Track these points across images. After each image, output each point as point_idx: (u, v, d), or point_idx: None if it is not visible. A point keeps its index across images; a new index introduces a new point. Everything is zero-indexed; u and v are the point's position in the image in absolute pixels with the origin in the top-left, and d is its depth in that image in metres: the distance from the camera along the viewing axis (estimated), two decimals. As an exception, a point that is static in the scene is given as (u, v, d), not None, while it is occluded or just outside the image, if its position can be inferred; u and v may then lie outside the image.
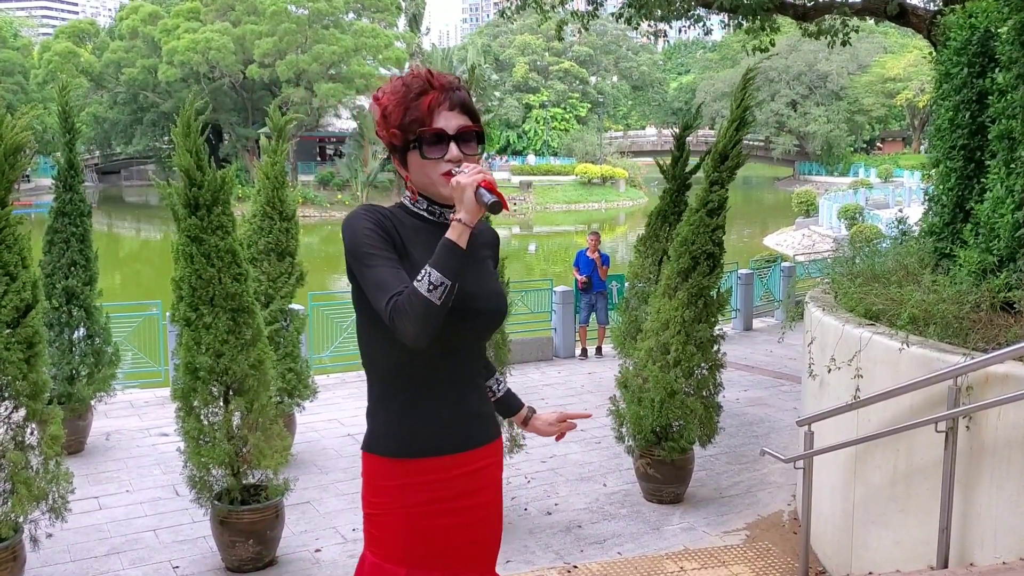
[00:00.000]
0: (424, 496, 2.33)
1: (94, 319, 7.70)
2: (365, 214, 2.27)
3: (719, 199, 6.21)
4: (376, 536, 2.39)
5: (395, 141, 2.28)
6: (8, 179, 4.80)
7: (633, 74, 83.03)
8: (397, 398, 2.35)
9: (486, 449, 2.45)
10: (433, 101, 2.25)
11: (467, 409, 2.40)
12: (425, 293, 2.08)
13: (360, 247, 2.22)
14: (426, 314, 2.09)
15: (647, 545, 5.84)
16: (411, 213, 2.37)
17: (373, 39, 50.83)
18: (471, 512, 2.40)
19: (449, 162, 2.25)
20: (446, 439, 2.36)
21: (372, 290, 2.18)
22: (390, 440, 2.35)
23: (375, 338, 2.34)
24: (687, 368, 6.14)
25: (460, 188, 2.15)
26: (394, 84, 2.32)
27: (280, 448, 5.49)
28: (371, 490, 2.40)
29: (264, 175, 7.30)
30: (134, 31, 52.51)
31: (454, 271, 2.12)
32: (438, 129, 2.25)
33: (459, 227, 2.14)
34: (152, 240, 43.22)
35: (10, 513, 4.86)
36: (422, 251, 2.25)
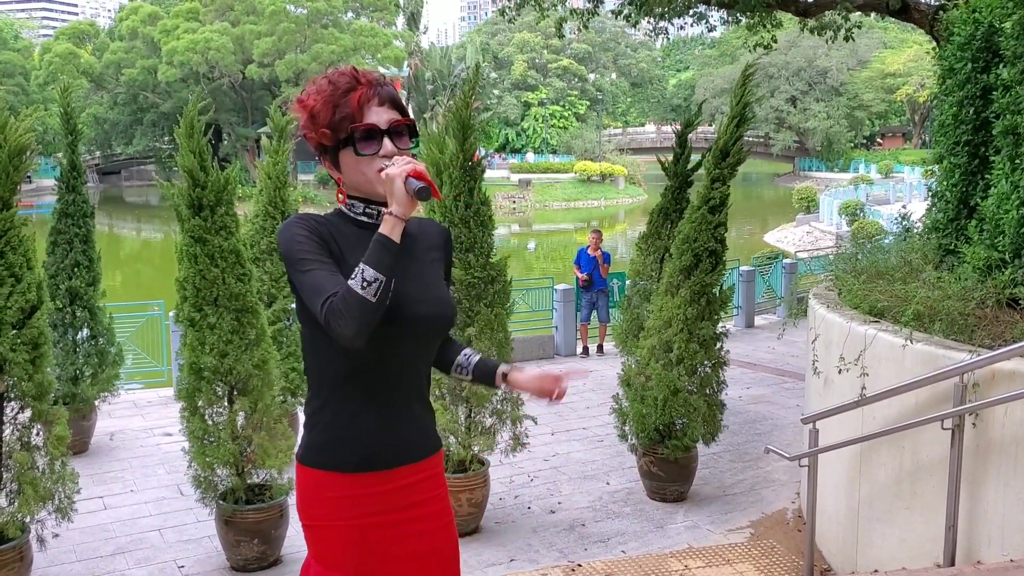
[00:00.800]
0: (360, 510, 2.27)
1: (97, 320, 7.71)
2: (298, 221, 2.22)
3: (721, 196, 6.21)
4: (318, 547, 2.32)
5: (325, 141, 2.22)
6: (12, 181, 4.81)
7: (632, 71, 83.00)
8: (334, 411, 2.28)
9: (424, 463, 2.37)
10: (362, 96, 2.21)
11: (406, 423, 2.33)
12: (359, 291, 2.04)
13: (294, 254, 2.17)
14: (362, 311, 2.04)
15: (651, 543, 5.84)
16: (348, 219, 2.30)
17: (372, 38, 50.79)
18: (412, 524, 2.32)
19: (384, 158, 2.20)
20: (381, 454, 2.28)
21: (308, 294, 2.14)
22: (324, 453, 2.28)
23: (316, 348, 2.28)
24: (690, 366, 6.14)
25: (389, 180, 2.11)
26: (319, 84, 2.26)
27: (284, 448, 5.50)
28: (307, 502, 2.32)
29: (266, 175, 7.32)
30: (134, 32, 52.47)
31: (388, 266, 2.08)
32: (370, 124, 2.20)
33: (391, 220, 2.11)
34: (153, 240, 43.19)
35: (16, 513, 4.87)
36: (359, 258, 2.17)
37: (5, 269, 4.77)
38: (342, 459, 2.27)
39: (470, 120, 5.71)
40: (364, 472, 2.27)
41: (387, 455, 2.29)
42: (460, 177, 5.73)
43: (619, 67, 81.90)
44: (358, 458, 2.27)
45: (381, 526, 2.28)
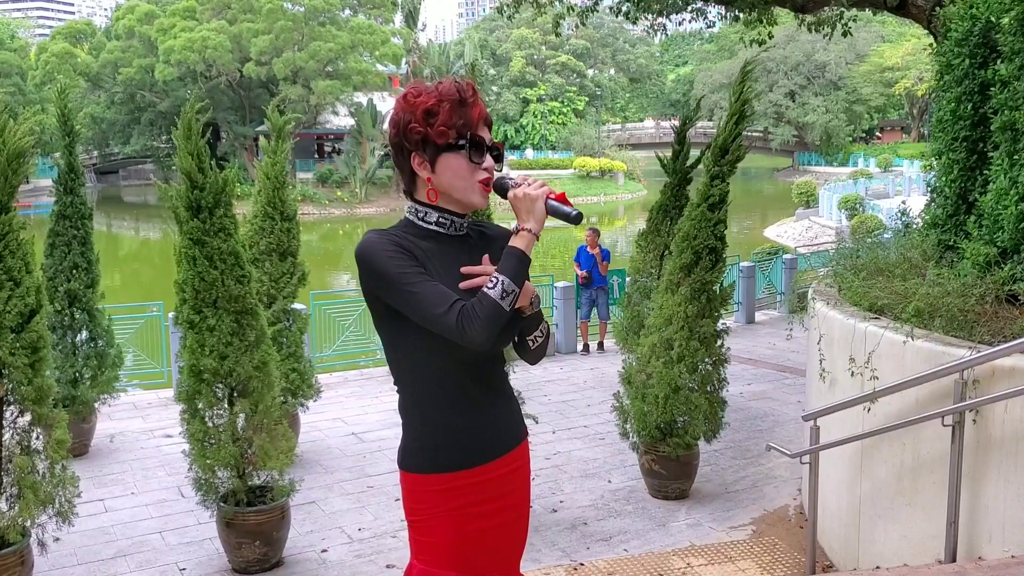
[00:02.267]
0: (462, 500, 2.38)
1: (96, 321, 7.71)
2: (382, 239, 2.28)
3: (720, 193, 6.20)
4: (422, 542, 2.42)
5: (438, 139, 2.26)
6: (11, 184, 4.79)
7: (630, 67, 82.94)
8: (429, 415, 2.38)
9: (515, 452, 2.49)
10: (481, 113, 2.32)
11: (496, 418, 2.44)
12: (498, 299, 2.16)
13: (391, 270, 2.23)
14: (497, 319, 2.16)
15: (653, 542, 5.84)
16: (420, 232, 2.35)
17: (370, 35, 50.70)
18: (504, 514, 2.46)
19: (485, 171, 2.32)
20: (476, 451, 2.39)
21: (422, 303, 2.20)
22: (424, 457, 2.39)
23: (405, 358, 2.35)
24: (691, 364, 6.13)
25: (529, 199, 2.25)
26: (439, 87, 2.30)
27: (285, 449, 5.50)
28: (410, 499, 2.44)
29: (264, 175, 7.30)
30: (130, 31, 52.40)
31: (522, 279, 2.22)
32: (484, 137, 2.31)
33: (527, 237, 2.25)
34: (151, 240, 43.18)
35: (17, 518, 4.85)
36: (438, 271, 2.28)
37: (4, 273, 4.75)
38: (441, 461, 2.37)
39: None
40: (463, 470, 2.37)
41: (482, 451, 2.40)
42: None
43: (617, 63, 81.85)
44: (454, 458, 2.37)
45: (478, 516, 2.40)
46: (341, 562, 5.63)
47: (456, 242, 2.38)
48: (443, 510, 2.37)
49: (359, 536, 6.01)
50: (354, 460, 7.61)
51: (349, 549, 5.82)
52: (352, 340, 11.86)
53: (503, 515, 2.46)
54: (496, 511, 2.43)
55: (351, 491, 6.86)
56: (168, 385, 10.19)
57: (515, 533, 2.53)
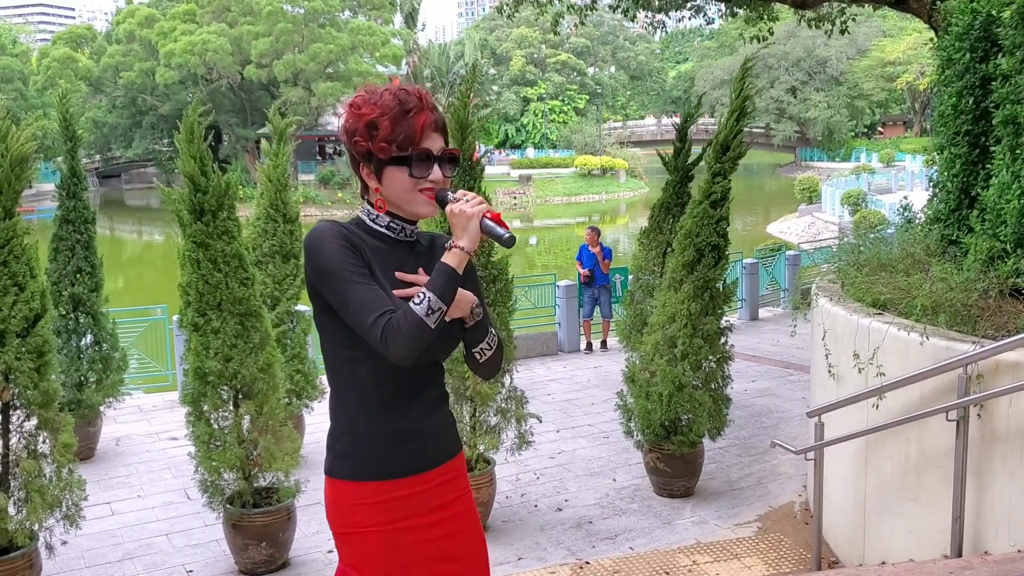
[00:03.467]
0: (390, 515, 2.31)
1: (101, 325, 7.73)
2: (333, 232, 2.26)
3: (722, 190, 6.20)
4: (353, 554, 2.35)
5: (381, 154, 2.25)
6: (15, 190, 4.82)
7: (631, 64, 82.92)
8: (359, 422, 2.32)
9: (449, 464, 2.42)
10: (426, 121, 2.27)
11: (429, 427, 2.38)
12: (423, 316, 2.13)
13: (334, 266, 2.21)
14: (420, 336, 2.13)
15: (659, 539, 5.85)
16: (369, 230, 2.35)
17: (370, 36, 50.72)
18: (440, 526, 2.37)
19: (432, 182, 2.28)
20: (409, 460, 2.33)
21: (353, 308, 2.18)
22: (351, 464, 2.32)
23: (340, 360, 2.32)
24: (695, 361, 6.14)
25: (464, 217, 2.20)
26: (382, 97, 2.28)
27: (290, 450, 5.51)
28: (338, 511, 2.36)
29: (267, 178, 7.32)
30: (131, 35, 52.43)
31: (450, 297, 2.18)
32: (427, 149, 2.27)
33: (460, 254, 2.20)
34: (154, 243, 43.22)
35: (25, 521, 4.88)
36: (379, 271, 2.27)
37: (9, 278, 4.78)
38: (370, 468, 2.31)
39: (468, 119, 5.71)
40: (392, 479, 2.31)
41: (413, 460, 2.34)
42: (459, 176, 5.72)
43: (618, 60, 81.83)
44: (385, 466, 2.31)
45: (411, 529, 2.33)
46: (347, 563, 5.63)
47: (404, 247, 2.37)
48: (374, 524, 2.30)
49: (365, 537, 6.01)
50: (359, 461, 7.61)
51: (355, 550, 5.82)
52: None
53: (444, 527, 2.37)
54: (435, 523, 2.36)
55: (357, 492, 6.86)
56: (173, 388, 10.20)
57: (461, 548, 2.42)
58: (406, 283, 2.30)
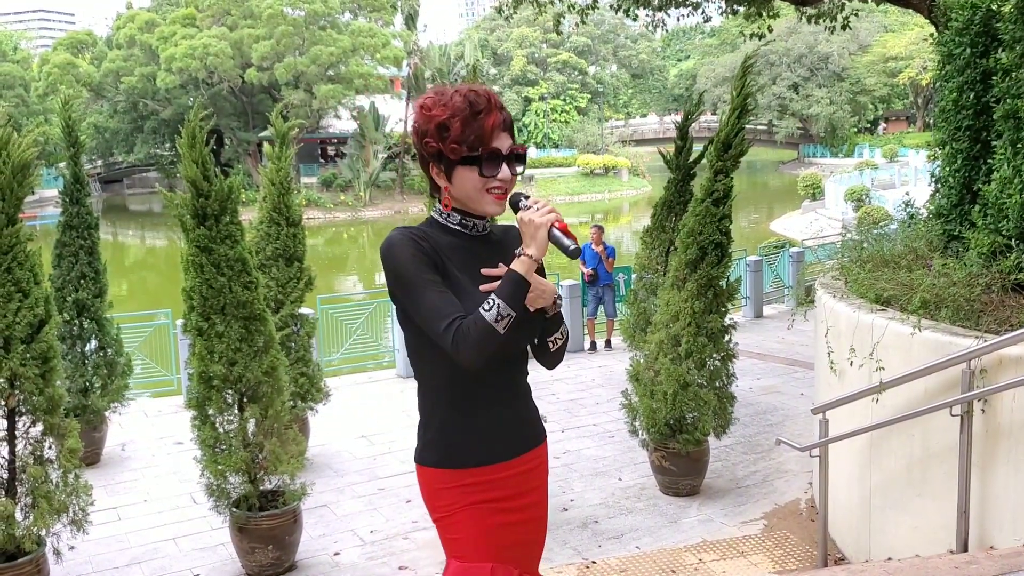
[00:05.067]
0: (480, 496, 2.41)
1: (105, 331, 7.74)
2: (405, 240, 2.31)
3: (724, 188, 6.20)
4: (452, 539, 2.45)
5: (451, 155, 2.29)
6: (17, 197, 4.83)
7: (632, 62, 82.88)
8: (446, 411, 2.42)
9: (532, 453, 2.52)
10: (495, 122, 2.31)
11: (513, 417, 2.48)
12: (492, 322, 2.18)
13: (406, 273, 2.28)
14: (489, 341, 2.18)
15: (665, 538, 5.85)
16: (443, 229, 2.41)
17: (370, 39, 50.68)
18: (526, 512, 2.49)
19: (500, 180, 2.32)
20: (494, 449, 2.43)
21: (425, 314, 2.25)
22: (439, 452, 2.43)
23: (424, 355, 2.39)
24: (699, 359, 6.14)
25: (533, 226, 2.24)
26: (452, 98, 2.31)
27: (296, 453, 5.52)
28: (431, 496, 2.47)
29: (269, 181, 7.33)
30: (131, 40, 52.47)
31: (519, 303, 2.23)
32: (497, 149, 2.31)
33: (528, 262, 2.24)
34: (157, 247, 43.29)
35: (32, 527, 4.89)
36: (459, 268, 2.34)
37: (12, 285, 4.79)
38: (456, 457, 2.41)
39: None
40: (474, 467, 2.41)
41: (496, 450, 2.43)
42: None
43: (619, 59, 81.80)
44: (471, 456, 2.41)
45: (498, 511, 2.42)
46: (354, 565, 5.65)
47: (479, 241, 2.43)
48: (464, 504, 2.41)
49: (371, 538, 6.03)
50: (364, 463, 7.63)
51: (361, 552, 5.84)
52: (359, 343, 11.89)
53: (525, 513, 2.48)
54: (518, 508, 2.46)
55: (362, 493, 6.88)
56: (178, 392, 10.22)
57: (537, 533, 2.56)
58: (484, 279, 2.35)
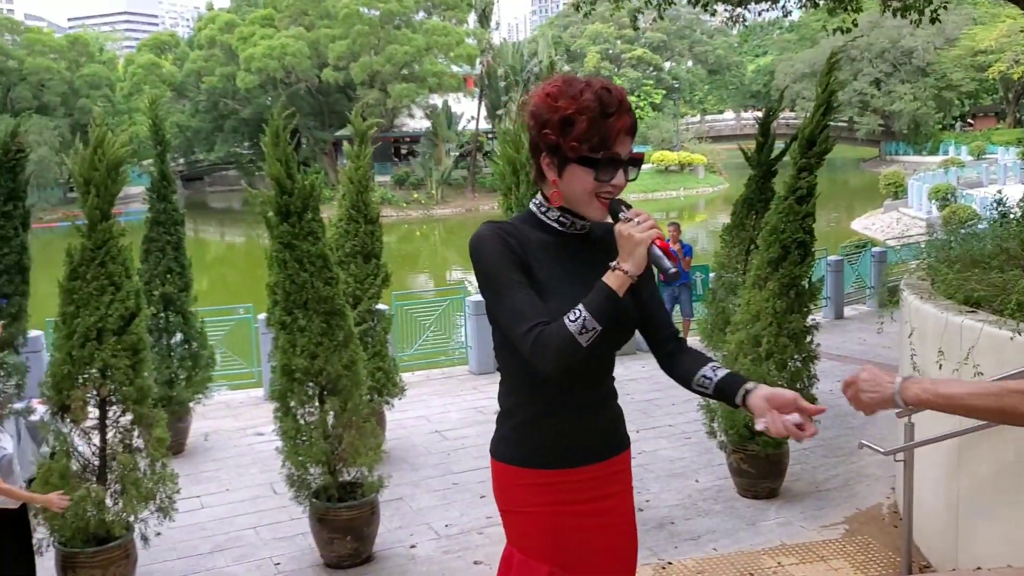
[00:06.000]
0: (555, 496, 2.36)
1: (190, 324, 7.96)
2: (493, 235, 2.25)
3: (808, 186, 6.07)
4: (517, 532, 2.42)
5: (571, 153, 2.19)
6: (111, 192, 5.00)
7: (709, 58, 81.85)
8: (525, 410, 2.37)
9: (612, 460, 2.45)
10: (623, 126, 2.21)
11: (593, 426, 2.40)
12: (575, 334, 2.09)
13: (490, 271, 2.23)
14: (571, 352, 2.10)
15: (743, 541, 5.76)
16: (538, 224, 2.33)
17: (444, 37, 51.08)
18: (598, 517, 2.40)
19: (612, 186, 2.23)
20: (569, 452, 2.37)
21: (506, 315, 2.20)
22: (515, 449, 2.40)
23: (509, 351, 2.32)
24: (780, 360, 6.03)
25: (632, 241, 2.13)
26: (583, 93, 2.18)
27: (374, 446, 5.60)
28: (502, 490, 2.45)
29: (349, 179, 7.44)
30: (212, 40, 53.81)
31: (608, 318, 2.11)
32: (617, 154, 2.21)
33: (622, 278, 2.13)
34: (237, 244, 44.35)
35: (121, 513, 5.06)
36: (547, 267, 2.27)
37: (106, 278, 4.96)
38: (532, 456, 2.37)
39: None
40: (551, 468, 2.36)
41: (575, 454, 2.37)
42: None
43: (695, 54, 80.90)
44: (547, 456, 2.36)
45: (571, 515, 2.37)
46: (430, 558, 5.70)
47: (574, 239, 2.34)
48: (537, 503, 2.36)
49: (446, 532, 6.08)
50: (439, 457, 7.70)
51: (437, 545, 5.89)
52: (432, 340, 11.99)
53: (600, 519, 2.40)
54: (597, 512, 2.39)
55: (437, 488, 6.94)
56: (258, 385, 10.45)
57: (616, 542, 2.45)
58: (575, 276, 2.27)
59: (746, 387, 2.26)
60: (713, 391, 2.35)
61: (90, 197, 4.96)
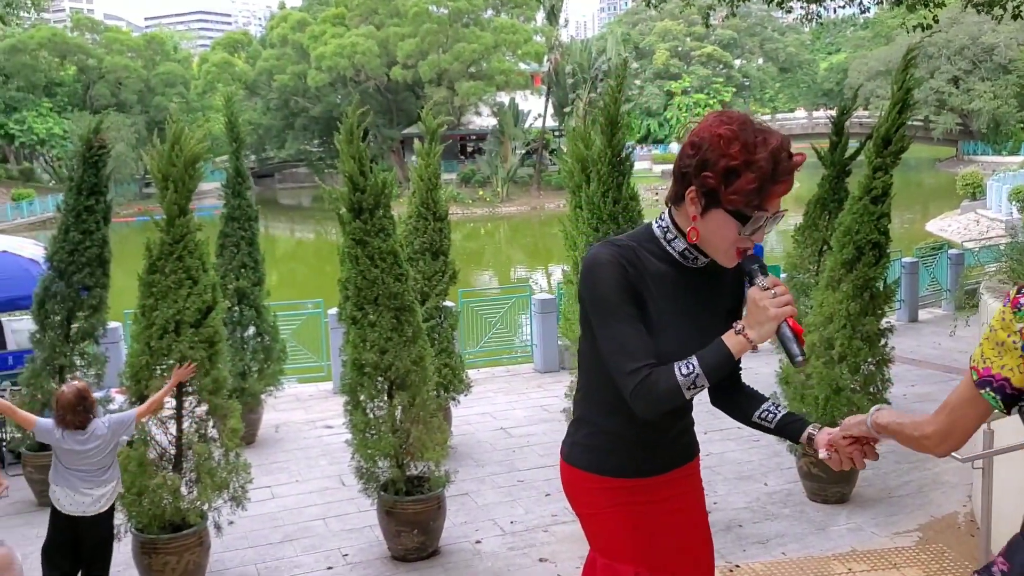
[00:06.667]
0: (626, 499, 2.38)
1: (263, 318, 8.13)
2: (612, 263, 2.18)
3: (883, 186, 5.93)
4: (596, 536, 2.45)
5: (726, 204, 2.10)
6: (188, 188, 5.12)
7: (780, 55, 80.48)
8: (602, 419, 2.38)
9: (683, 468, 2.49)
10: (784, 190, 2.13)
11: (666, 443, 2.43)
12: (683, 387, 2.08)
13: (605, 299, 2.18)
14: (672, 401, 2.11)
15: (812, 546, 5.66)
16: (658, 251, 2.26)
17: (512, 35, 51.18)
18: (671, 515, 2.43)
19: (750, 239, 2.15)
20: (644, 464, 2.39)
21: (614, 348, 2.17)
22: (589, 455, 2.41)
23: (598, 365, 2.29)
24: (853, 364, 5.90)
25: (765, 315, 2.06)
26: (758, 150, 2.06)
27: (440, 441, 5.64)
28: (575, 494, 2.47)
29: (418, 177, 7.51)
30: (284, 39, 54.75)
31: (719, 376, 2.10)
32: (767, 211, 2.12)
33: (743, 343, 2.09)
34: (306, 240, 45.04)
35: (196, 501, 5.19)
36: (660, 302, 2.22)
37: (184, 272, 5.09)
38: (605, 464, 2.39)
39: (618, 116, 5.68)
40: (624, 478, 2.39)
41: (650, 464, 2.40)
42: (608, 173, 5.71)
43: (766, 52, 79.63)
44: (619, 466, 2.39)
45: (649, 515, 2.39)
46: (495, 554, 5.73)
47: (692, 273, 2.28)
48: (608, 505, 2.38)
49: (511, 529, 6.10)
50: (504, 454, 7.72)
51: (502, 541, 5.91)
52: (497, 338, 12.04)
53: (673, 517, 2.43)
54: (670, 511, 2.42)
55: (502, 484, 6.97)
56: (327, 378, 10.61)
57: (690, 539, 2.48)
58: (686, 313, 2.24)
59: (809, 432, 2.38)
60: (775, 427, 2.41)
61: (168, 193, 5.09)
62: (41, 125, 50.14)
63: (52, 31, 54.37)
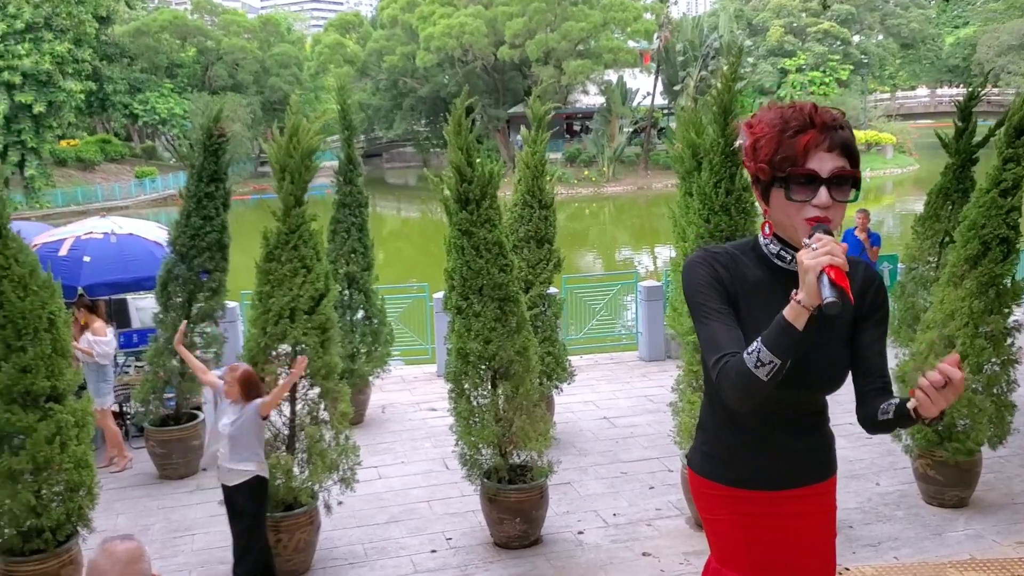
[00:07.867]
0: (747, 508, 2.37)
1: (371, 302, 8.30)
2: (703, 262, 2.26)
3: (1014, 178, 5.62)
4: (712, 538, 2.48)
5: (761, 175, 2.15)
6: (304, 179, 5.26)
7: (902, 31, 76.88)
8: (721, 426, 2.40)
9: (808, 488, 2.40)
10: (811, 141, 2.09)
11: (781, 456, 2.37)
12: (751, 368, 2.03)
13: (695, 297, 2.24)
14: (749, 387, 2.06)
15: (927, 551, 5.46)
16: (758, 256, 2.29)
17: (622, 12, 50.48)
18: (793, 534, 2.37)
19: (816, 207, 2.09)
20: (760, 476, 2.37)
21: (704, 342, 2.21)
22: (707, 462, 2.45)
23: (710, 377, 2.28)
24: (976, 363, 5.64)
25: (802, 268, 1.97)
26: (771, 114, 2.16)
27: (543, 431, 5.66)
28: (695, 497, 2.52)
29: (525, 164, 7.50)
30: (394, 20, 55.34)
31: (784, 350, 2.01)
32: (809, 171, 2.09)
33: (797, 309, 1.99)
34: (412, 219, 45.68)
35: (307, 481, 5.36)
36: (758, 308, 2.22)
37: (298, 261, 5.24)
38: (723, 472, 2.41)
39: (732, 105, 5.53)
40: (741, 488, 2.38)
41: (767, 478, 2.37)
42: (720, 163, 5.57)
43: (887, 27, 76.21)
44: (734, 475, 2.39)
45: (766, 528, 2.37)
46: (597, 545, 5.72)
47: (791, 278, 2.14)
48: (731, 513, 2.39)
49: (614, 521, 6.08)
50: (607, 444, 7.69)
51: (605, 533, 5.90)
52: (600, 324, 11.95)
53: (799, 535, 2.37)
54: (789, 528, 2.36)
55: (605, 475, 6.95)
56: (431, 361, 10.77)
57: (809, 559, 2.40)
58: None
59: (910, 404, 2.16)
60: (893, 413, 2.21)
61: (285, 184, 5.24)
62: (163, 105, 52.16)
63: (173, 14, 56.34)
